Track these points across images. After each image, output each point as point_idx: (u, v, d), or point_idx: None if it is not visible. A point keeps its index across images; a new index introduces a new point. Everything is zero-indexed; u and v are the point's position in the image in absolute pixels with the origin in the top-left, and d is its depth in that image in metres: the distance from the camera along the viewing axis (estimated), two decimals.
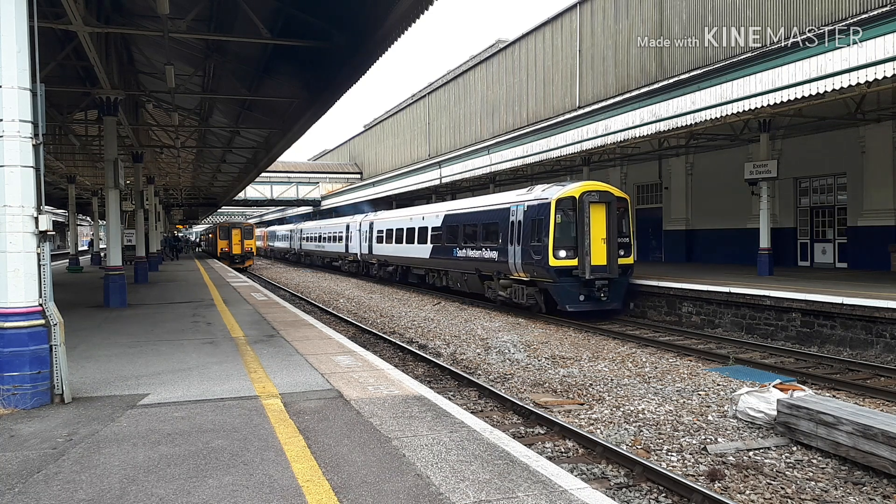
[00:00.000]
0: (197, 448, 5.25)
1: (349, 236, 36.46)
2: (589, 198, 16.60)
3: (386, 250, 30.17)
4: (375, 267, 32.30)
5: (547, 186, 17.88)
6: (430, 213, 25.54)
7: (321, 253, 45.02)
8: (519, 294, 18.34)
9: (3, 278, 6.40)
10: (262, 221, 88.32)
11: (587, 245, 16.38)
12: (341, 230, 38.46)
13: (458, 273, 22.53)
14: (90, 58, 13.05)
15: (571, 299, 16.51)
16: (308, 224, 52.19)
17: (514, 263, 18.12)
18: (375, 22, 10.96)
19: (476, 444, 5.33)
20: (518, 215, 18.12)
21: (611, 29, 26.08)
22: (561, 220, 16.62)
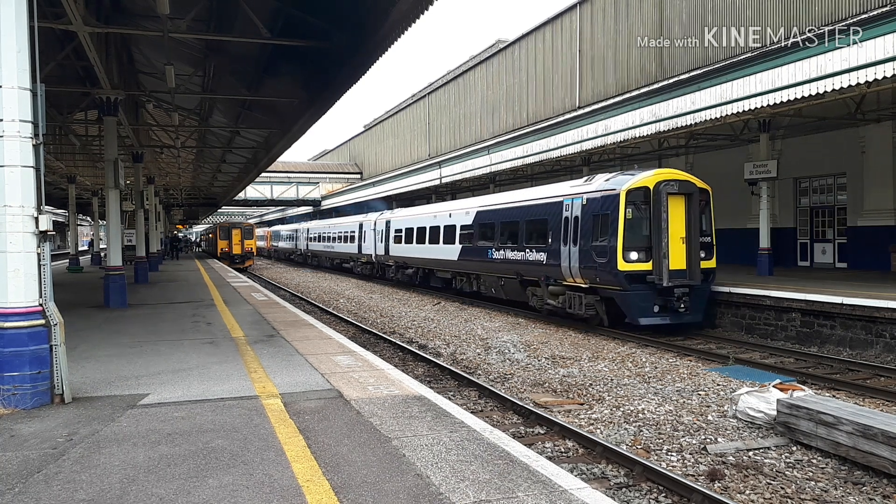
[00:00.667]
0: (197, 448, 5.25)
1: (362, 236, 34.10)
2: (667, 188, 14.02)
3: (405, 251, 27.74)
4: (392, 269, 29.94)
5: (611, 175, 15.35)
6: (459, 210, 22.93)
7: (330, 254, 42.57)
8: (574, 303, 15.75)
9: (4, 278, 6.41)
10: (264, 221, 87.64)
11: (665, 245, 13.88)
12: (353, 229, 35.85)
13: (493, 278, 20.03)
14: (90, 58, 13.05)
15: (644, 310, 14.00)
16: (316, 223, 49.26)
17: (568, 267, 15.66)
18: (375, 22, 10.97)
19: (476, 443, 5.34)
20: (574, 210, 15.62)
21: (611, 29, 26.08)
22: (632, 216, 14.12)
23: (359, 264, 35.49)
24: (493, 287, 20.24)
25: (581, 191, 15.73)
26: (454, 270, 23.15)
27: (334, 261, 42.25)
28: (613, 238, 14.09)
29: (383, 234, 30.30)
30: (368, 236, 32.94)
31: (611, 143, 20.01)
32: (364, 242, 33.74)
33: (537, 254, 17.21)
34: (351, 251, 36.52)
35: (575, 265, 15.39)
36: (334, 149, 71.90)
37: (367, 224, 33.51)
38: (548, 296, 16.88)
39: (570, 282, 15.82)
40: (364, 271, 34.84)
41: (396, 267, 29.27)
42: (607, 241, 14.26)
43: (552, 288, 16.67)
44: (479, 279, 21.30)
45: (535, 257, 17.29)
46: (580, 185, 16.10)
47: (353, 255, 36.35)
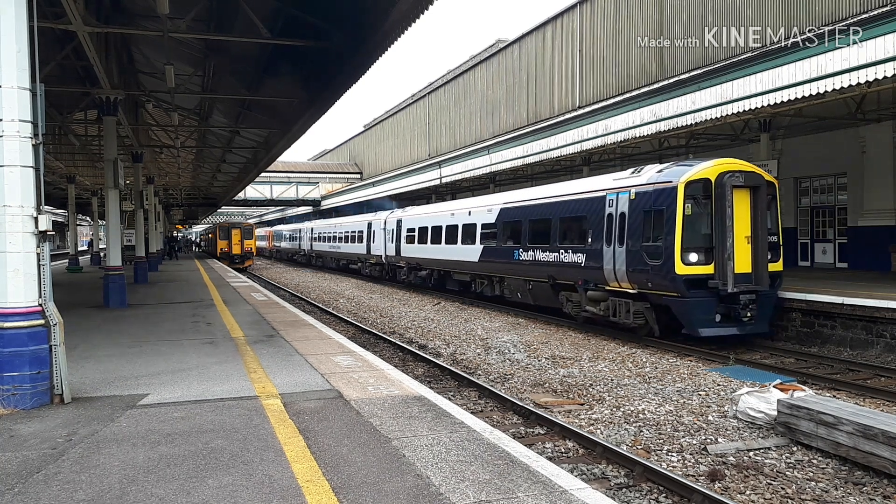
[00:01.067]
0: (197, 448, 5.25)
1: (371, 236, 32.37)
2: (731, 180, 12.45)
3: (418, 252, 26.08)
4: (404, 271, 28.03)
5: (664, 166, 13.77)
6: (480, 208, 21.16)
7: (336, 254, 40.77)
8: (619, 310, 14.05)
9: (3, 278, 6.40)
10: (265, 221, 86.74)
11: (729, 246, 12.32)
12: (361, 229, 34.17)
13: (520, 281, 18.35)
14: (90, 58, 13.05)
15: (705, 320, 12.42)
16: (321, 223, 47.36)
17: (612, 270, 14.07)
18: (375, 22, 10.96)
19: (476, 444, 5.33)
20: (619, 206, 14.01)
21: (611, 29, 26.07)
22: (691, 212, 12.53)
23: (367, 265, 33.93)
24: (520, 291, 18.55)
25: (628, 184, 14.03)
26: (474, 273, 21.47)
27: (340, 262, 40.60)
28: (670, 237, 12.55)
29: (394, 233, 28.72)
30: (378, 236, 31.30)
31: (611, 143, 20.01)
32: (373, 243, 32.09)
33: (574, 255, 15.55)
34: (359, 252, 34.86)
35: (621, 268, 13.81)
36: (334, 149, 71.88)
37: (376, 223, 31.87)
38: (586, 302, 15.16)
39: (615, 286, 14.17)
40: (373, 273, 33.23)
41: (408, 268, 27.53)
42: (662, 241, 12.75)
43: (592, 293, 14.97)
44: (502, 282, 19.65)
45: (572, 259, 15.64)
46: (626, 177, 14.40)
47: (361, 255, 34.67)
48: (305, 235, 50.49)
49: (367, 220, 33.42)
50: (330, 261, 43.48)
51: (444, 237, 23.35)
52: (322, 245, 44.46)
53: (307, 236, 49.68)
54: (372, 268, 33.19)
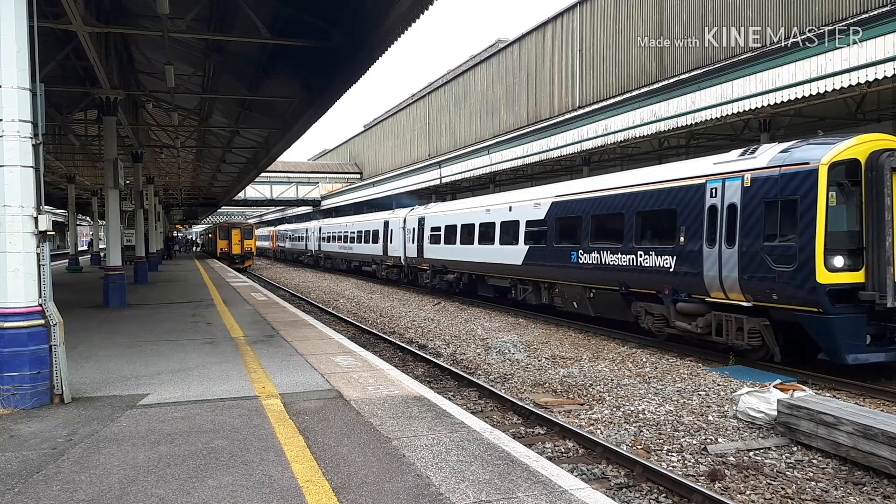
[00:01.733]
0: (197, 448, 5.25)
1: (388, 235, 29.70)
2: (892, 161, 9.69)
3: (445, 253, 23.28)
4: (427, 274, 25.33)
5: (790, 145, 10.86)
6: (524, 203, 18.27)
7: (348, 256, 38.05)
8: (726, 328, 11.44)
9: (3, 278, 6.41)
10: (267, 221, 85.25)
11: (890, 247, 9.63)
12: (376, 228, 31.47)
13: (578, 288, 15.61)
14: (90, 58, 13.05)
15: (854, 344, 9.78)
16: (330, 221, 44.61)
17: (717, 277, 11.40)
18: (375, 22, 10.97)
19: (476, 444, 5.33)
20: (728, 195, 11.32)
21: (611, 29, 26.07)
22: (836, 202, 9.90)
23: (383, 268, 31.22)
24: (576, 300, 15.85)
25: (739, 168, 11.34)
26: (516, 277, 18.59)
27: (352, 263, 38.02)
28: (807, 235, 9.85)
29: (415, 232, 26.02)
30: (396, 235, 28.58)
31: (611, 143, 20.03)
32: (391, 243, 29.40)
33: (658, 258, 12.82)
34: (374, 253, 32.15)
35: (730, 274, 11.09)
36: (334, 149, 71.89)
37: (394, 222, 29.16)
38: (675, 316, 12.51)
39: (718, 297, 11.50)
40: (390, 276, 30.58)
41: (432, 272, 24.57)
42: (795, 241, 10.09)
43: (684, 305, 12.28)
44: (551, 289, 16.94)
45: (655, 262, 12.89)
46: (734, 160, 11.67)
47: (376, 257, 32.03)
48: (313, 235, 47.91)
49: (384, 219, 30.86)
50: (340, 262, 40.95)
51: (476, 237, 20.67)
52: (331, 245, 42.11)
53: (314, 236, 47.25)
54: (389, 270, 30.60)
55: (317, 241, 46.33)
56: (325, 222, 45.77)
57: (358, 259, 36.40)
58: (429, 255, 24.85)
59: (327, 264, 44.42)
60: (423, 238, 25.23)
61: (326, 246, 43.52)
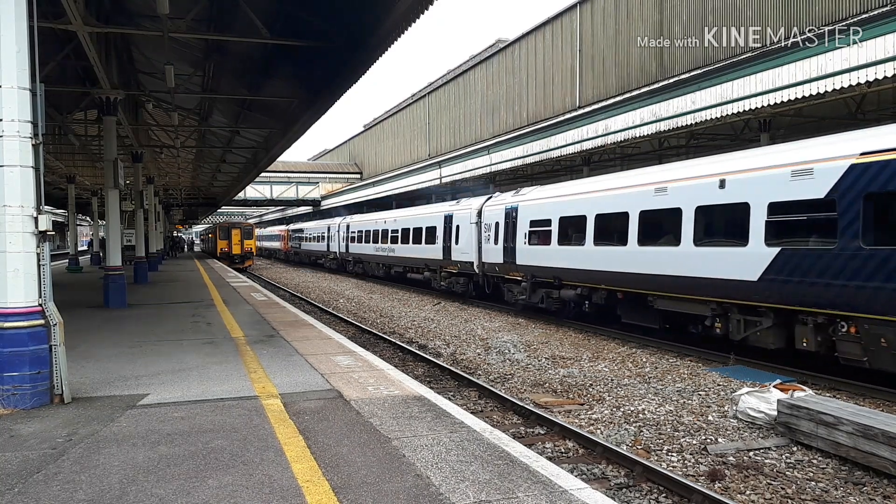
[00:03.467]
0: (197, 448, 5.25)
1: (452, 233, 22.99)
2: None
3: (560, 258, 16.17)
4: (523, 288, 18.03)
5: None
6: (766, 172, 10.82)
7: (387, 260, 30.82)
8: None
9: (3, 278, 6.41)
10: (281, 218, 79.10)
11: None
12: (432, 223, 24.87)
13: None
14: (90, 58, 13.05)
15: None
16: (362, 218, 37.22)
17: None
18: (375, 22, 10.97)
19: (476, 444, 5.33)
20: None
21: (611, 29, 26.07)
22: None
23: (444, 276, 23.84)
24: None
25: None
26: (736, 300, 11.34)
27: (392, 269, 30.45)
28: None
29: (500, 229, 19.46)
30: (466, 234, 21.87)
31: (611, 143, 20.03)
32: (455, 243, 22.63)
33: None
34: (427, 256, 25.28)
35: None
36: (334, 149, 71.88)
37: (461, 215, 22.49)
38: None
39: None
40: (454, 287, 23.13)
41: (531, 283, 17.58)
42: None
43: None
44: (832, 326, 9.80)
45: None
46: None
47: (431, 262, 24.90)
48: (337, 234, 40.30)
49: (445, 212, 24.33)
50: (376, 268, 33.04)
51: (634, 233, 13.42)
52: (363, 247, 34.70)
53: (339, 235, 39.73)
54: (453, 280, 23.15)
55: (343, 242, 38.90)
56: (354, 218, 38.55)
57: (405, 264, 28.60)
58: (531, 262, 17.69)
59: (357, 269, 36.66)
60: (517, 237, 18.46)
61: (356, 247, 36.05)
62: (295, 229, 57.24)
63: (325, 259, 44.18)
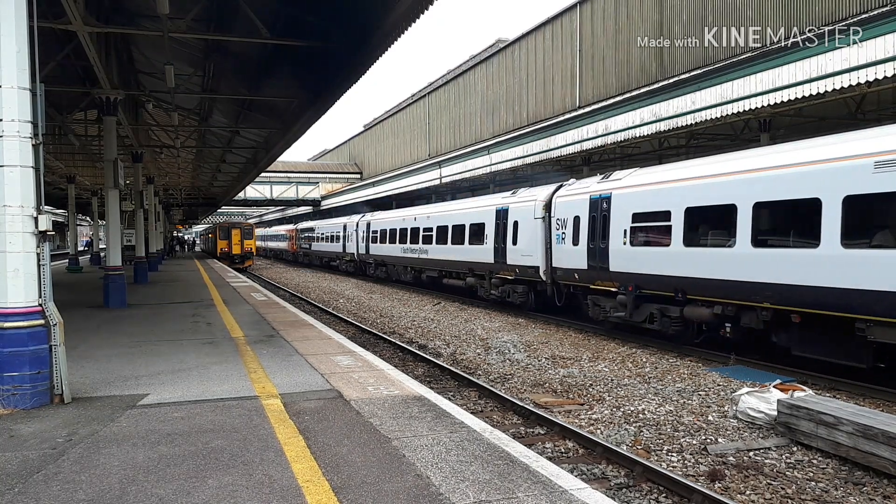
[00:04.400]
0: (197, 448, 5.25)
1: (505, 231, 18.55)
2: None
3: (680, 263, 12.30)
4: (621, 302, 13.94)
5: None
6: None
7: (420, 262, 26.25)
8: None
9: (3, 278, 6.41)
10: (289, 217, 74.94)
11: None
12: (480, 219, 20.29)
13: None
14: (90, 58, 13.05)
15: None
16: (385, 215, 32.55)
17: None
18: (375, 22, 10.97)
19: (476, 444, 5.33)
20: None
21: (611, 29, 26.07)
22: None
23: (496, 283, 19.44)
24: None
25: None
26: None
27: (424, 273, 26.20)
28: None
29: (584, 225, 15.10)
30: (527, 231, 17.66)
31: (611, 143, 20.03)
32: (514, 244, 18.18)
33: None
34: (473, 259, 20.82)
35: None
36: (334, 149, 71.87)
37: (521, 209, 17.97)
38: None
39: None
40: (509, 297, 18.75)
41: (638, 298, 13.45)
42: None
43: None
44: None
45: None
46: None
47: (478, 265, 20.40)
48: (355, 233, 35.98)
49: (497, 205, 19.58)
50: (403, 272, 28.94)
51: (832, 229, 9.37)
52: (388, 248, 30.31)
53: (359, 234, 35.38)
54: (508, 289, 18.83)
55: (362, 242, 34.68)
56: (377, 216, 33.88)
57: (438, 268, 24.57)
58: (628, 267, 13.60)
59: (379, 273, 32.45)
60: (609, 234, 14.05)
61: (379, 248, 31.76)
62: (304, 228, 52.52)
63: (340, 261, 39.82)
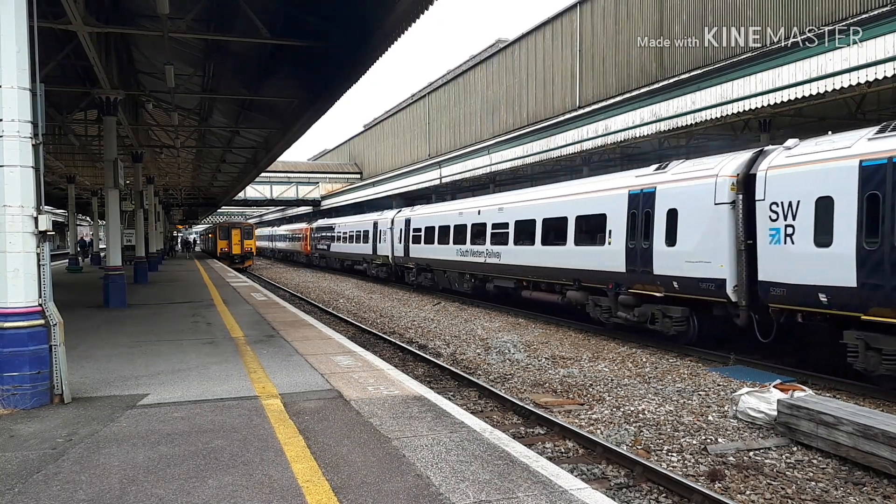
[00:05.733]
0: (197, 448, 5.25)
1: (648, 224, 13.00)
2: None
3: None
4: None
5: None
6: None
7: (484, 268, 20.37)
8: None
9: (3, 278, 6.41)
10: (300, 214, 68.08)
11: None
12: (600, 208, 14.64)
13: None
14: (90, 58, 13.05)
15: None
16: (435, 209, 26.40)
17: None
18: (375, 22, 10.97)
19: (476, 444, 5.33)
20: None
21: (611, 29, 26.07)
22: None
23: (627, 300, 13.67)
24: None
25: None
26: None
27: (492, 282, 20.23)
28: None
29: (851, 210, 9.04)
30: (698, 224, 12.06)
31: (611, 144, 20.03)
32: (671, 243, 12.44)
33: None
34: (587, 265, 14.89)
35: None
36: (334, 149, 71.85)
37: (681, 191, 12.47)
38: None
39: None
40: (652, 321, 13.10)
41: None
42: None
43: None
44: None
45: None
46: None
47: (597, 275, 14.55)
48: (390, 232, 29.88)
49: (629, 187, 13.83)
50: (458, 280, 22.57)
51: None
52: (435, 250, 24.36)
53: (395, 233, 29.23)
54: (653, 311, 13.03)
55: (400, 242, 28.53)
56: (420, 210, 27.77)
57: (514, 275, 18.75)
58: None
59: (423, 281, 26.04)
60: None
61: (423, 250, 25.65)
62: (321, 227, 45.86)
63: (369, 265, 33.77)
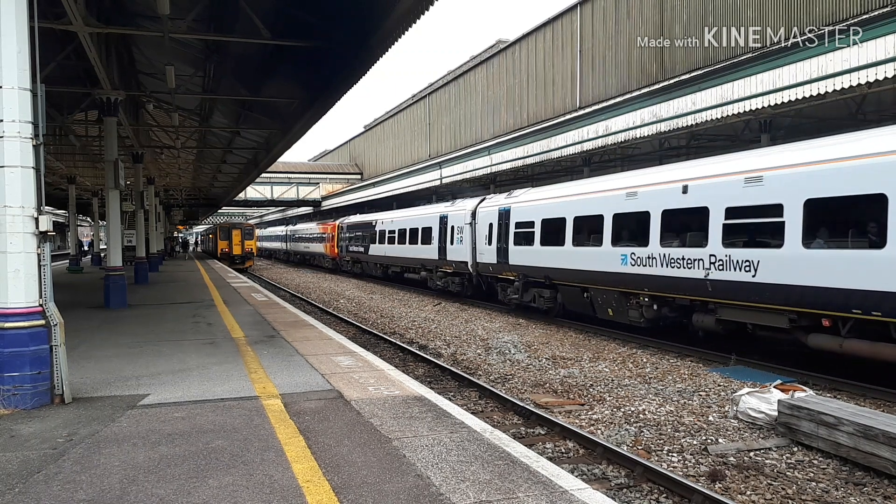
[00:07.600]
0: (197, 448, 5.25)
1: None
2: None
3: None
4: None
5: None
6: None
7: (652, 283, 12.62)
8: None
9: (4, 279, 6.41)
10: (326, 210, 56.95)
11: None
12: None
13: None
14: (90, 58, 13.05)
15: None
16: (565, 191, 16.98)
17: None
18: (375, 22, 10.98)
19: (476, 444, 5.33)
20: None
21: (611, 29, 26.07)
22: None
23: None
24: None
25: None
26: None
27: (667, 303, 12.70)
28: None
29: None
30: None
31: (611, 144, 20.03)
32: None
33: None
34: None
35: None
36: (334, 149, 71.86)
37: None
38: None
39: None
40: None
41: None
42: None
43: None
44: None
45: None
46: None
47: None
48: (470, 228, 21.50)
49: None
50: (619, 304, 13.95)
51: None
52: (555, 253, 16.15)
53: (480, 231, 20.82)
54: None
55: (487, 243, 20.11)
56: (522, 198, 18.80)
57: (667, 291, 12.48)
58: None
59: (530, 301, 17.86)
60: None
61: (530, 254, 17.45)
62: (355, 224, 36.83)
63: (431, 273, 25.04)
